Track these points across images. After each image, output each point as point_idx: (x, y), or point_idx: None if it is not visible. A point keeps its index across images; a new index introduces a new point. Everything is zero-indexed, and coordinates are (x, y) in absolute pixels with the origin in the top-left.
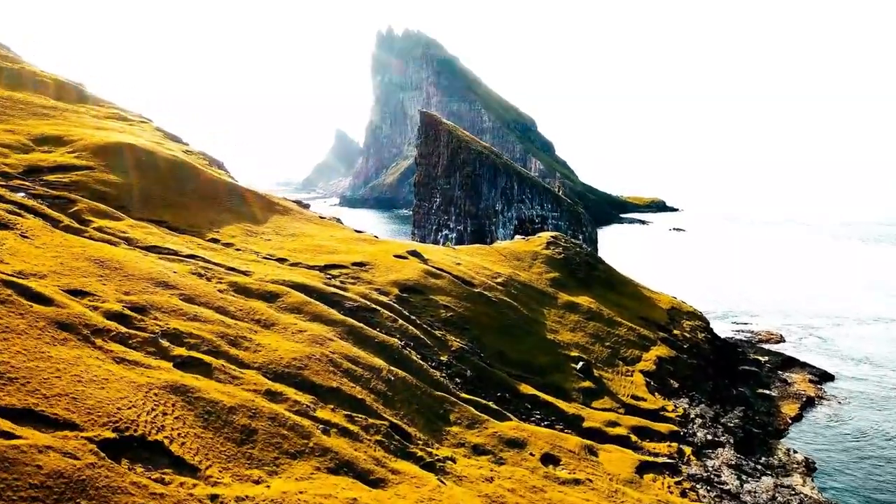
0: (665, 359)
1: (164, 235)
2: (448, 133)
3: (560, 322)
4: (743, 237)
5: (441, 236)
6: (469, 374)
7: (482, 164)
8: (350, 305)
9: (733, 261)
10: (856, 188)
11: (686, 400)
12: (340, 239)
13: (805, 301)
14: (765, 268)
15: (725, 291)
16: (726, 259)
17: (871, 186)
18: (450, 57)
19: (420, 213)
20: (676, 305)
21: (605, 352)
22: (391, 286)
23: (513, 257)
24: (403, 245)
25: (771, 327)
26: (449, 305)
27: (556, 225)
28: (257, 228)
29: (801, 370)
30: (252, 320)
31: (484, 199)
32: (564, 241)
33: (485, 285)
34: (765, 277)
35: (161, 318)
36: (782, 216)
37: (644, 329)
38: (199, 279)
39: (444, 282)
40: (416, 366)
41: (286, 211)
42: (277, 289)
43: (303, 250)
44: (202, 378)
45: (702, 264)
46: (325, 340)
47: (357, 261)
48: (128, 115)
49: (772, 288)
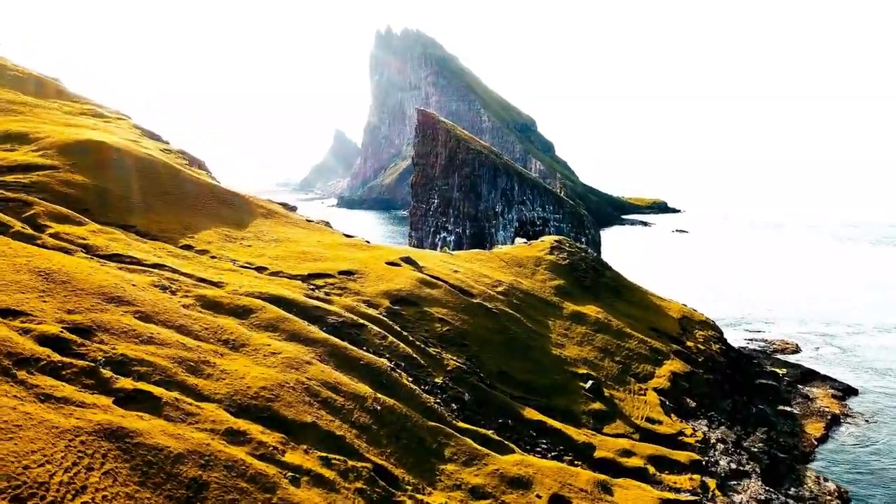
0: (680, 375)
1: (131, 242)
2: (446, 132)
3: (566, 335)
4: (748, 239)
5: (439, 239)
6: (467, 398)
7: (481, 165)
8: (334, 321)
9: (740, 264)
10: (858, 188)
11: (705, 421)
12: (328, 244)
13: (819, 307)
14: (774, 272)
15: (734, 297)
16: (733, 262)
17: (873, 187)
18: (449, 56)
19: (417, 214)
20: (687, 314)
21: (616, 368)
22: (381, 297)
23: (514, 263)
24: (396, 251)
25: (785, 336)
26: (445, 318)
27: (558, 227)
28: (237, 233)
29: (823, 384)
30: (218, 341)
31: (483, 200)
32: (569, 245)
33: (484, 295)
34: (775, 282)
35: (108, 342)
36: (786, 218)
37: (655, 341)
38: (161, 293)
39: (440, 292)
40: (407, 391)
41: (270, 214)
42: (251, 303)
43: (285, 257)
44: (148, 417)
45: (708, 268)
46: (302, 364)
47: (345, 269)
48: (104, 111)
49: (783, 293)
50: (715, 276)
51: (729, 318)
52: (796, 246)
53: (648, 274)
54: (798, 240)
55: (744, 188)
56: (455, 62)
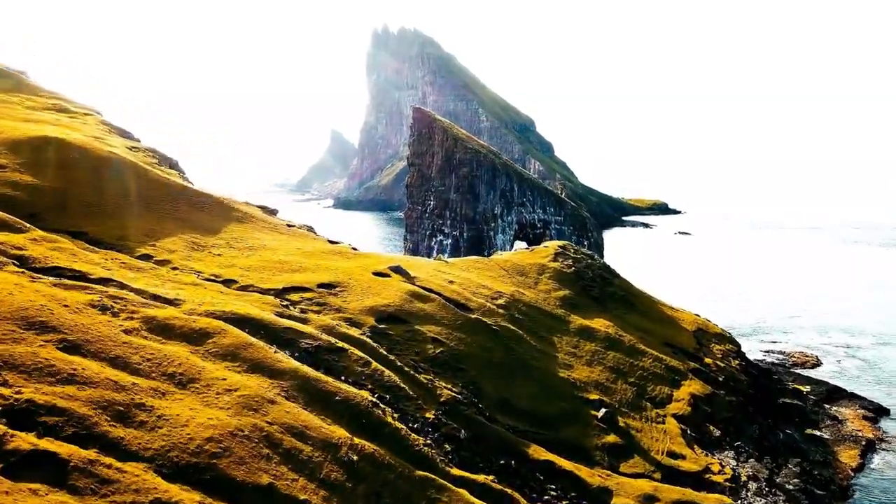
0: (700, 397)
1: (78, 252)
2: (443, 131)
3: (574, 354)
4: (752, 242)
5: (435, 242)
6: (463, 436)
7: (480, 165)
8: (308, 345)
9: (747, 268)
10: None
11: (732, 453)
12: (309, 252)
13: (835, 315)
14: (784, 277)
15: (745, 303)
16: (739, 266)
17: (875, 187)
18: (446, 55)
19: (413, 217)
20: (702, 325)
21: (630, 391)
22: (366, 314)
23: (516, 272)
24: (385, 259)
25: (804, 347)
26: (439, 338)
27: (559, 230)
28: (207, 240)
29: (851, 403)
30: (162, 375)
31: (482, 202)
32: (574, 251)
33: (483, 309)
34: (786, 287)
35: (13, 383)
36: (789, 219)
37: (671, 359)
38: (99, 314)
39: (433, 306)
40: (391, 432)
41: (246, 218)
42: (210, 325)
43: (259, 268)
44: (45, 490)
45: (714, 272)
46: (263, 403)
47: (325, 281)
48: (71, 106)
49: (796, 299)
50: (722, 280)
51: (742, 327)
52: (802, 248)
53: (654, 279)
54: (803, 242)
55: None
56: (453, 61)
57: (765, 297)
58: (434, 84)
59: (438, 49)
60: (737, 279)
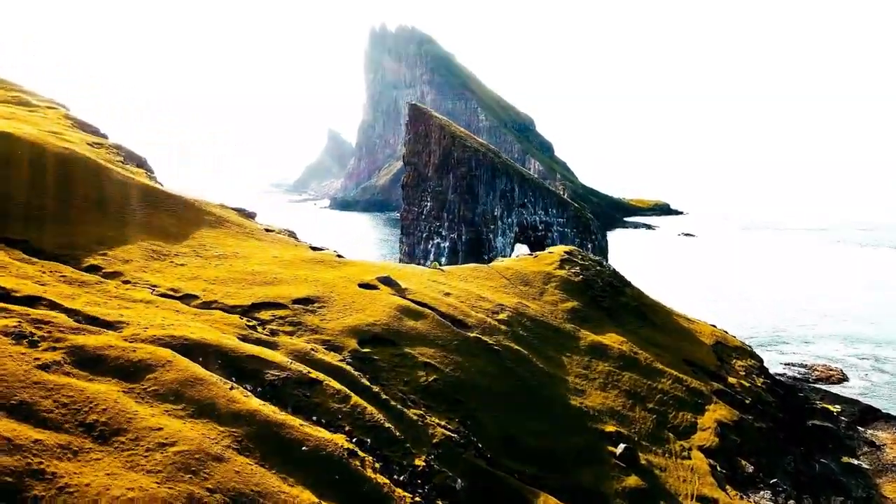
0: (728, 425)
1: (10, 264)
2: (440, 128)
3: (586, 375)
4: (760, 244)
5: (432, 245)
6: (460, 487)
7: (479, 164)
8: (274, 377)
9: (757, 272)
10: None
11: (768, 493)
12: (287, 261)
13: (860, 323)
14: (798, 281)
15: (758, 311)
16: (748, 270)
17: (878, 188)
18: (445, 54)
19: (409, 218)
20: (721, 338)
21: (650, 419)
22: (347, 336)
23: (519, 281)
24: (373, 267)
25: (826, 358)
26: (432, 363)
27: (562, 232)
28: (171, 248)
29: (887, 426)
30: (79, 427)
31: (481, 203)
32: (581, 257)
33: (483, 326)
34: (801, 293)
35: None
36: (796, 220)
37: (692, 379)
38: (12, 345)
39: (426, 324)
40: (371, 489)
41: (219, 222)
42: (154, 354)
43: (227, 280)
44: None
45: (722, 276)
46: (207, 462)
47: (302, 295)
48: (33, 99)
49: (813, 306)
50: (731, 285)
51: (758, 336)
52: (811, 251)
53: (660, 284)
54: (811, 244)
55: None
56: (451, 60)
57: (778, 303)
58: (432, 83)
59: (437, 47)
60: (747, 283)
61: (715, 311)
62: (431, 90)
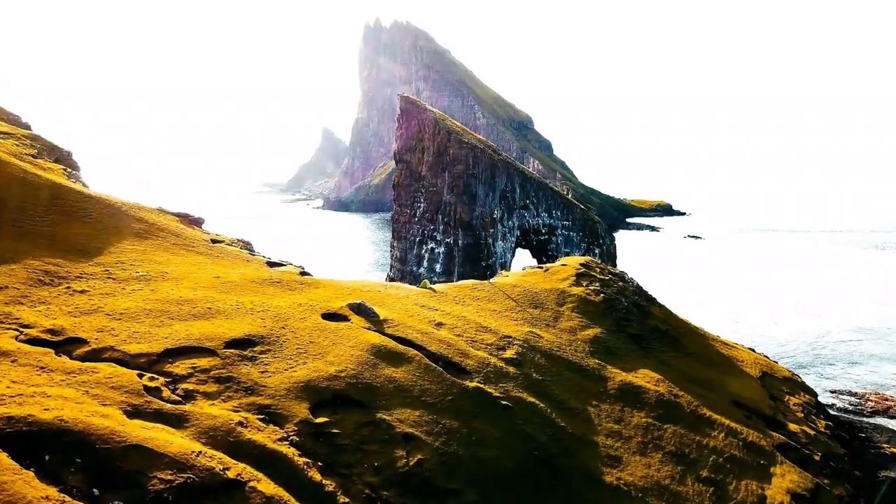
0: (803, 497)
1: None
2: (433, 123)
3: (620, 433)
4: (775, 247)
5: (426, 251)
6: None
7: (477, 162)
8: (161, 485)
9: (780, 279)
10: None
11: None
12: (232, 283)
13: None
14: (830, 289)
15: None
16: (769, 276)
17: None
18: (441, 49)
19: (401, 221)
20: (766, 367)
21: (706, 495)
22: (296, 397)
23: (528, 302)
24: (345, 289)
25: (877, 385)
26: (416, 434)
27: (567, 236)
28: (74, 267)
29: None
30: None
31: (479, 204)
32: (600, 270)
33: (486, 369)
34: (830, 303)
35: None
36: (808, 222)
37: (747, 428)
38: None
39: (409, 370)
40: None
41: (150, 232)
42: None
43: (139, 314)
44: None
45: (740, 284)
46: None
47: (242, 335)
48: None
49: (847, 319)
50: (753, 294)
51: (794, 354)
52: (830, 255)
53: (674, 294)
54: (828, 247)
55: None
56: (447, 56)
57: (810, 315)
58: (428, 79)
59: (433, 43)
60: (769, 291)
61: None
62: (427, 87)
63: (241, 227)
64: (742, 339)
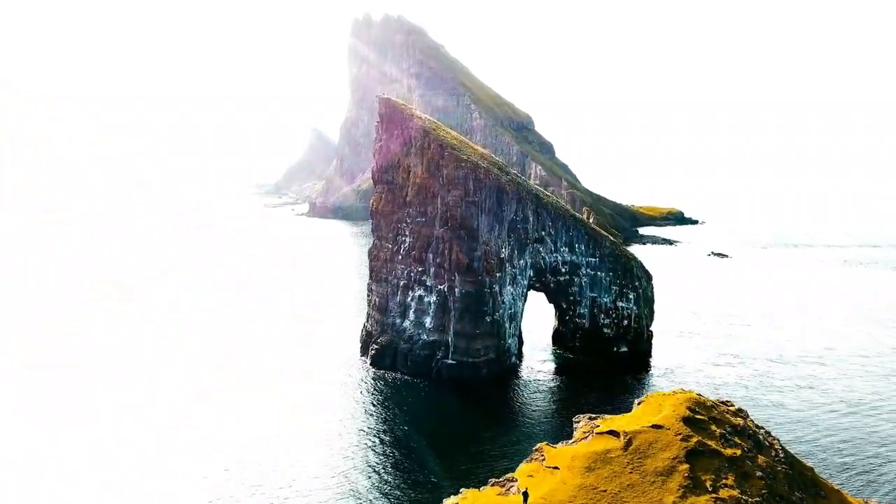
0: None
1: None
2: (423, 133)
3: None
4: (816, 269)
5: (412, 298)
6: None
7: (479, 186)
8: None
9: (829, 310)
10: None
11: None
12: None
13: None
14: (879, 322)
15: (874, 376)
16: (818, 309)
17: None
18: (434, 44)
19: (380, 258)
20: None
21: None
22: None
23: None
24: None
25: None
26: None
27: (594, 276)
28: None
29: None
30: None
31: (481, 240)
32: (717, 411)
33: None
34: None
35: None
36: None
37: None
38: None
39: None
40: None
41: None
42: None
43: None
44: None
45: (799, 325)
46: None
47: None
48: None
49: None
50: (819, 340)
51: None
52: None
53: (718, 338)
54: (883, 271)
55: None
56: (442, 51)
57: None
58: (420, 76)
59: (426, 38)
60: (836, 334)
61: (814, 380)
62: (419, 84)
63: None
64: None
